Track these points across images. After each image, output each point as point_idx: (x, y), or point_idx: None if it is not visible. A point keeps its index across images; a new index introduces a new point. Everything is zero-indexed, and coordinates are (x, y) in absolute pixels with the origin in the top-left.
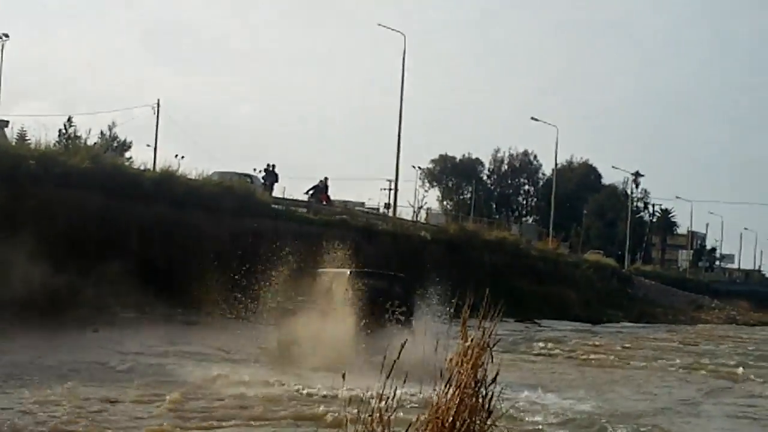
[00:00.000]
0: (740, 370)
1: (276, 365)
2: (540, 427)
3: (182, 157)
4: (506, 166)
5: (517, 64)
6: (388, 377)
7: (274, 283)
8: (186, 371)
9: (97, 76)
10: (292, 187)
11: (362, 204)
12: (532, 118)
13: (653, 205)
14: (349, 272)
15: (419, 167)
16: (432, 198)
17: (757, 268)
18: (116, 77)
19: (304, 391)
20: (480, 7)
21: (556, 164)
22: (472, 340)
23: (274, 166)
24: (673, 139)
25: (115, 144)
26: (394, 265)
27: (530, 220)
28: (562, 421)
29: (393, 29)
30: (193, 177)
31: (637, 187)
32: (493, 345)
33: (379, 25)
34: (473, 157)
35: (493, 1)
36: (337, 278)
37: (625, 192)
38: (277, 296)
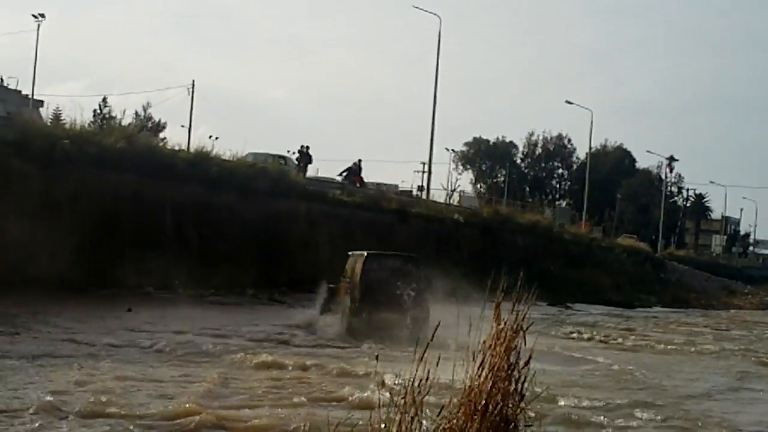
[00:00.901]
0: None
1: (309, 345)
2: (573, 411)
3: (216, 138)
4: (540, 150)
5: (553, 48)
6: (421, 359)
7: (308, 265)
8: (220, 351)
9: (132, 57)
10: (325, 169)
11: (396, 186)
12: (567, 102)
13: (687, 190)
14: (366, 254)
15: (453, 150)
16: (465, 181)
17: None
18: (151, 58)
19: (339, 372)
20: None
21: (590, 148)
22: (505, 323)
23: (308, 147)
24: (708, 123)
25: (150, 124)
26: (428, 247)
27: (563, 204)
28: (595, 405)
29: (428, 11)
30: (227, 158)
31: (671, 171)
32: (527, 328)
33: (414, 6)
34: (507, 140)
35: None
36: (359, 260)
37: (659, 176)
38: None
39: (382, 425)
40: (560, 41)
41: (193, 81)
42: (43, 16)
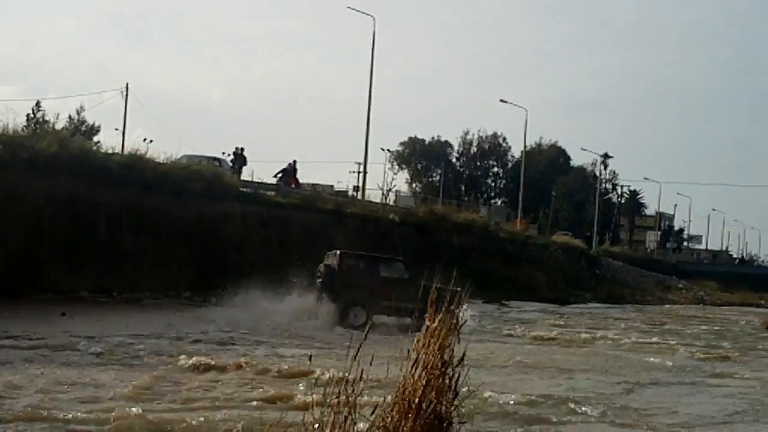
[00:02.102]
0: (703, 349)
1: (247, 345)
2: (507, 407)
3: (150, 141)
4: (475, 149)
5: (488, 46)
6: (354, 359)
7: (243, 266)
8: (155, 353)
9: (66, 61)
10: (261, 171)
11: (331, 187)
12: (502, 101)
13: (621, 187)
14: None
15: (388, 150)
16: (401, 180)
17: (724, 248)
18: (86, 62)
19: (275, 372)
20: None
21: (525, 146)
22: (438, 321)
23: (242, 149)
24: (642, 120)
25: (84, 128)
26: (364, 247)
27: (499, 202)
28: (529, 401)
29: (362, 12)
30: (161, 161)
31: (605, 168)
32: (460, 326)
33: (349, 7)
34: (442, 139)
35: None
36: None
37: (594, 174)
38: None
39: (316, 425)
40: (496, 39)
41: (127, 84)
42: None
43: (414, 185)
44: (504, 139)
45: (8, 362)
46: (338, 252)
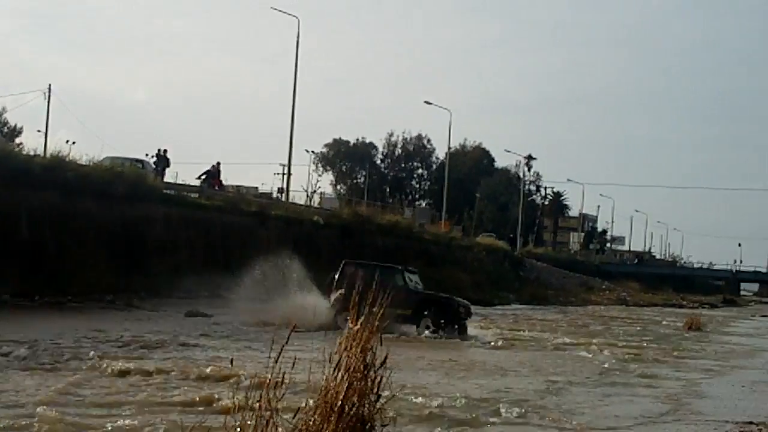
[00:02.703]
0: (626, 350)
1: (172, 349)
2: (430, 409)
3: (74, 142)
4: (400, 150)
5: (413, 47)
6: (276, 361)
7: (167, 269)
8: (77, 357)
9: None
10: (185, 172)
11: (256, 189)
12: (426, 102)
13: (545, 188)
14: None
15: (313, 151)
16: (326, 182)
17: (647, 249)
18: (7, 62)
19: (198, 376)
20: None
21: (449, 148)
22: (360, 324)
23: (165, 151)
24: (566, 121)
25: (6, 129)
26: (288, 249)
27: (423, 204)
28: (453, 403)
29: (286, 12)
30: (84, 163)
31: (529, 170)
32: (383, 328)
33: (273, 8)
34: (367, 141)
35: None
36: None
37: (518, 175)
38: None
39: (237, 429)
40: (420, 41)
41: (50, 85)
42: None
43: (338, 187)
44: (428, 140)
45: None
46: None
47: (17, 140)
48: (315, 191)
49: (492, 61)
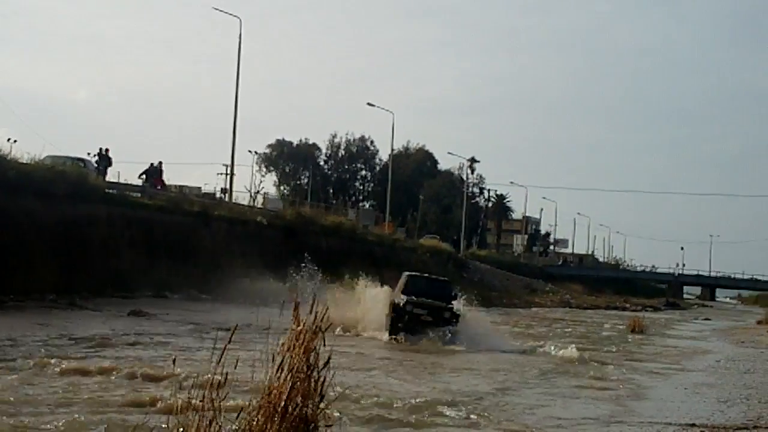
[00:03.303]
0: (570, 352)
1: (117, 349)
2: (374, 410)
3: (14, 141)
4: (343, 152)
5: (356, 49)
6: (219, 362)
7: (109, 269)
8: (17, 357)
9: None
10: (127, 172)
11: (199, 189)
12: (369, 104)
13: (488, 191)
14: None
15: (256, 152)
16: (269, 183)
17: (590, 252)
18: None
19: (143, 376)
20: None
21: (392, 150)
22: (303, 325)
23: (107, 150)
24: (509, 123)
25: None
26: (232, 250)
27: (367, 206)
28: (396, 404)
29: (228, 13)
30: (25, 161)
31: (472, 172)
32: (326, 329)
33: (215, 8)
34: (310, 142)
35: None
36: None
37: (461, 178)
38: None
39: (180, 429)
40: (364, 42)
41: None
42: None
43: (282, 188)
44: (372, 142)
45: None
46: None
47: None
48: (258, 192)
49: (435, 63)
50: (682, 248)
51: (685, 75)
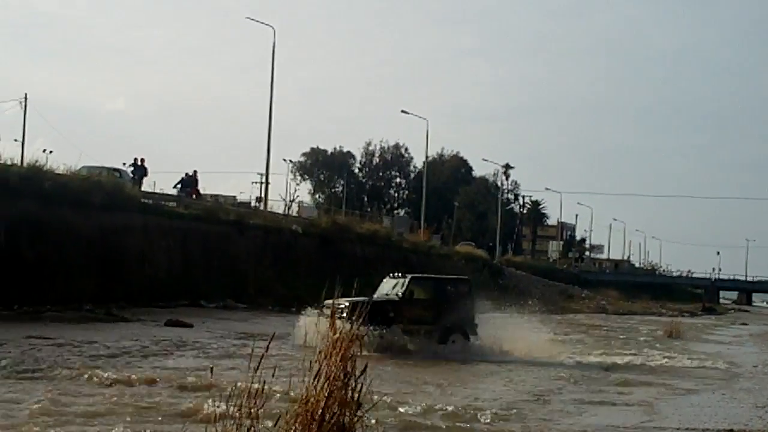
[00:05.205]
0: (607, 359)
1: (154, 358)
2: (410, 418)
3: (50, 151)
4: (378, 159)
5: (390, 56)
6: (256, 370)
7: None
8: (57, 367)
9: None
10: (163, 182)
11: (234, 198)
12: (403, 111)
13: (523, 197)
14: None
15: (291, 160)
16: (304, 191)
17: (626, 258)
18: None
19: (180, 385)
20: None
21: (426, 157)
22: (340, 332)
23: (143, 159)
24: (543, 129)
25: None
26: (267, 258)
27: (402, 213)
28: (435, 412)
29: (262, 22)
30: (61, 172)
31: (507, 179)
32: (363, 337)
33: (248, 18)
34: (345, 150)
35: None
36: None
37: (496, 184)
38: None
39: None
40: (397, 49)
41: (26, 94)
42: None
43: (317, 196)
44: (406, 149)
45: None
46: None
47: None
48: (293, 200)
49: (469, 69)
50: (718, 253)
51: (718, 77)
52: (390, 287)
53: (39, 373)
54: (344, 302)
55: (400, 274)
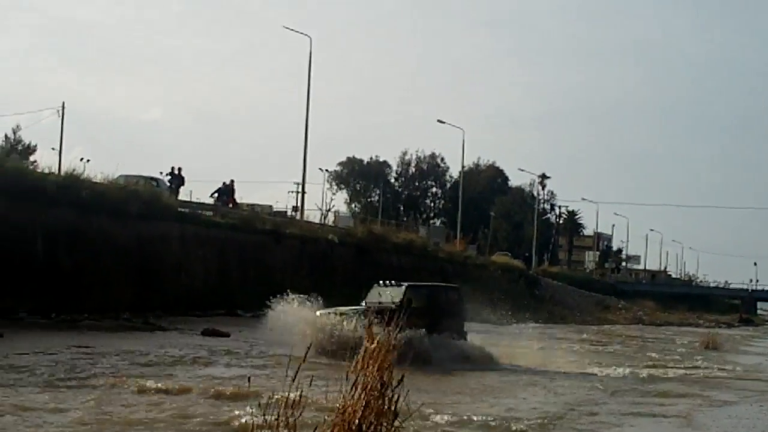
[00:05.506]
0: (644, 371)
1: (191, 366)
2: (446, 428)
3: (88, 160)
4: (414, 169)
5: (425, 64)
6: (294, 379)
7: (182, 287)
8: (96, 375)
9: (3, 80)
10: (198, 191)
11: (270, 207)
12: (439, 121)
13: (560, 207)
14: None
15: (327, 170)
16: (340, 201)
17: (663, 268)
18: (23, 80)
19: (217, 394)
20: (385, 7)
21: (462, 166)
22: (377, 342)
23: (180, 169)
24: (577, 137)
25: (20, 147)
26: (303, 268)
27: (438, 223)
28: (470, 422)
29: (298, 32)
30: (99, 180)
31: (543, 189)
32: (399, 347)
33: (285, 27)
34: (381, 159)
35: (399, 3)
36: None
37: (532, 194)
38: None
39: None
40: (432, 57)
41: (63, 103)
42: None
43: (353, 205)
44: (442, 159)
45: None
46: None
47: (31, 158)
48: (329, 210)
49: (504, 75)
50: (755, 263)
51: (753, 84)
52: (377, 295)
53: (78, 381)
54: (348, 310)
55: (391, 283)
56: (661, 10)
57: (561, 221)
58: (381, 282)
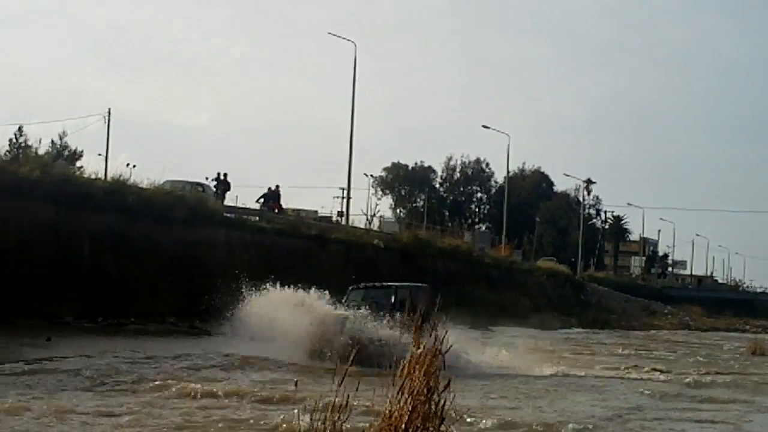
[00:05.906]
0: (691, 377)
1: (242, 372)
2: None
3: (134, 166)
4: (459, 174)
5: (470, 70)
6: (340, 384)
7: (228, 292)
8: (143, 380)
9: (49, 86)
10: (245, 196)
11: (315, 212)
12: (484, 126)
13: (605, 212)
14: None
15: (371, 175)
16: (385, 206)
17: (709, 274)
18: (69, 86)
19: (264, 398)
20: (429, 12)
21: (508, 172)
22: (424, 347)
23: (225, 174)
24: (625, 145)
25: (66, 153)
26: (348, 273)
27: (483, 228)
28: (516, 427)
29: (343, 38)
30: (145, 186)
31: (588, 194)
32: (445, 351)
33: (329, 33)
34: (425, 164)
35: (442, 8)
36: None
37: (577, 199)
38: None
39: None
40: (477, 61)
41: (109, 109)
42: None
43: (398, 211)
44: (487, 164)
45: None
46: None
47: (78, 164)
48: (374, 215)
49: (549, 80)
50: None
51: None
52: (359, 297)
53: (126, 385)
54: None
55: (376, 285)
56: (700, 14)
57: (607, 226)
58: (356, 285)
